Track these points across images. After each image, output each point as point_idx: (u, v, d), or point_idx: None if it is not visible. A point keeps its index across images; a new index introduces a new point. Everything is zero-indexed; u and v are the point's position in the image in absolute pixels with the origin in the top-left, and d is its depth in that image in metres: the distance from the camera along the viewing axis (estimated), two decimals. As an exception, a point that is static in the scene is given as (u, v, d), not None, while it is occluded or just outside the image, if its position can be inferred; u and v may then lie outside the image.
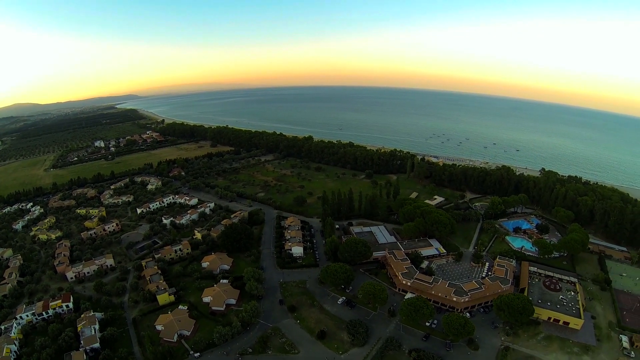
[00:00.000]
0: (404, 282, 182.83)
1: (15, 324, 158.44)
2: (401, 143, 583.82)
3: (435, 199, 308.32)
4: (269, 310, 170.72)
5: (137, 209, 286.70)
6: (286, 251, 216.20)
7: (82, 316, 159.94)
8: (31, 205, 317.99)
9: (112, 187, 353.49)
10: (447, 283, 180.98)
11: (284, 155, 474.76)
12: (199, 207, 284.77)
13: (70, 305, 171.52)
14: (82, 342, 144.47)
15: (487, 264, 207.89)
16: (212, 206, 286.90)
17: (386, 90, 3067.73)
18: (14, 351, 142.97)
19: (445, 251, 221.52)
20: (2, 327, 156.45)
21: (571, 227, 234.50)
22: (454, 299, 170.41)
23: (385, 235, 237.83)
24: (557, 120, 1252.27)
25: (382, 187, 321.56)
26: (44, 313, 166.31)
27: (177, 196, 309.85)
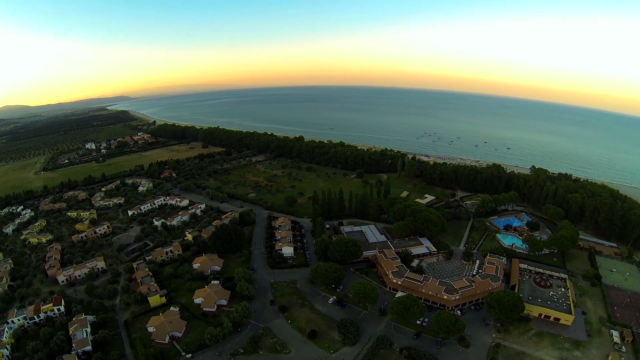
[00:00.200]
0: (395, 281, 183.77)
1: (6, 328, 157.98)
2: (392, 142, 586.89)
3: (426, 197, 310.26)
4: (260, 310, 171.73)
5: (128, 211, 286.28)
6: (277, 251, 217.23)
7: (73, 319, 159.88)
8: (22, 208, 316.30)
9: (103, 189, 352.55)
10: (437, 281, 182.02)
11: (275, 155, 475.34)
12: (190, 208, 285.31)
13: (62, 308, 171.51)
14: (73, 345, 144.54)
15: (477, 261, 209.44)
16: (203, 207, 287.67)
17: (378, 90, 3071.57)
18: (5, 355, 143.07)
19: (435, 249, 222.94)
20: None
21: (561, 224, 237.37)
22: (444, 297, 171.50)
23: (376, 234, 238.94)
24: (549, 118, 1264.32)
25: (373, 186, 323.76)
26: (35, 317, 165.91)
27: (168, 198, 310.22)
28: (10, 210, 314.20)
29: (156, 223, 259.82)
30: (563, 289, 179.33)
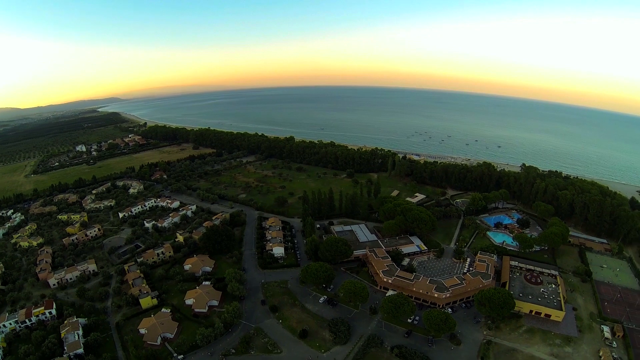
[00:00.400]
0: (385, 280, 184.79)
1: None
2: (383, 142, 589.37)
3: (417, 196, 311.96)
4: (251, 310, 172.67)
5: (119, 213, 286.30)
6: (267, 252, 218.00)
7: (65, 322, 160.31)
8: (12, 212, 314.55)
9: (93, 192, 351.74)
10: (428, 279, 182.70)
11: (265, 156, 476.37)
12: (180, 209, 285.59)
13: (53, 311, 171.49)
14: (65, 348, 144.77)
15: (468, 259, 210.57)
16: (193, 209, 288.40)
17: (370, 90, 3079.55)
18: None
19: (426, 248, 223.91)
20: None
21: (551, 220, 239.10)
22: (435, 295, 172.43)
23: (366, 233, 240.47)
24: (540, 117, 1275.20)
25: (363, 185, 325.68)
26: (27, 320, 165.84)
27: (159, 199, 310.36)
28: (0, 214, 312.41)
29: (147, 225, 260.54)
30: (554, 286, 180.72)
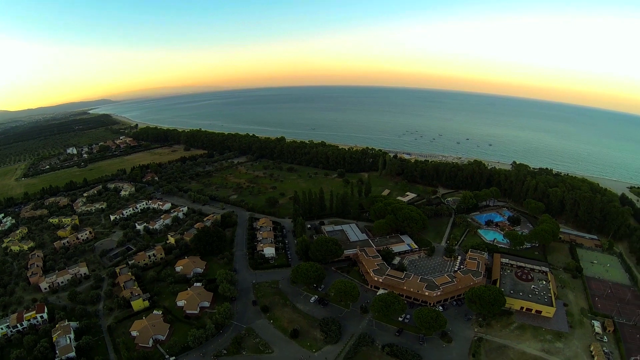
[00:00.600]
0: (376, 279, 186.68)
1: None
2: (374, 141, 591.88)
3: (408, 195, 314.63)
4: (243, 311, 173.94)
5: (111, 215, 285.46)
6: (258, 252, 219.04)
7: (56, 326, 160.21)
8: (2, 216, 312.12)
9: (85, 194, 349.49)
10: (418, 278, 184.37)
11: (256, 156, 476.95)
12: (172, 211, 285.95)
13: (45, 315, 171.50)
14: (57, 352, 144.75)
15: (459, 257, 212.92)
16: (185, 210, 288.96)
17: (362, 89, 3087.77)
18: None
19: (417, 247, 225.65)
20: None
21: (542, 218, 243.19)
22: (426, 293, 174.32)
23: (357, 233, 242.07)
24: (532, 115, 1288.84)
25: (354, 185, 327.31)
26: (18, 325, 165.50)
27: (150, 201, 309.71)
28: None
29: (139, 227, 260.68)
30: (544, 282, 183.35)
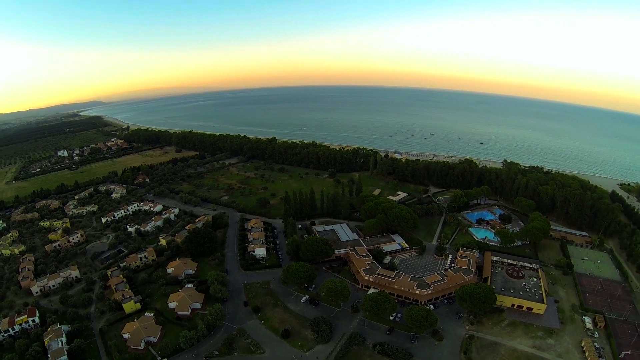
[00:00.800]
0: (367, 278, 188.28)
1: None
2: (365, 140, 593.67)
3: (399, 194, 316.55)
4: (234, 312, 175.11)
5: (102, 218, 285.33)
6: (250, 253, 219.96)
7: (48, 330, 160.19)
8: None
9: (76, 197, 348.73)
10: (409, 277, 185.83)
11: (248, 157, 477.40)
12: (163, 213, 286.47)
13: (37, 319, 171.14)
14: (49, 356, 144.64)
15: (450, 256, 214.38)
16: (176, 212, 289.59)
17: (354, 89, 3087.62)
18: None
19: (407, 246, 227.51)
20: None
21: (533, 215, 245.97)
22: (417, 292, 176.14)
23: (348, 232, 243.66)
24: (524, 113, 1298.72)
25: (345, 185, 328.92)
26: (10, 329, 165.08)
27: (141, 203, 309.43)
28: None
29: (130, 229, 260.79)
30: (535, 279, 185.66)
